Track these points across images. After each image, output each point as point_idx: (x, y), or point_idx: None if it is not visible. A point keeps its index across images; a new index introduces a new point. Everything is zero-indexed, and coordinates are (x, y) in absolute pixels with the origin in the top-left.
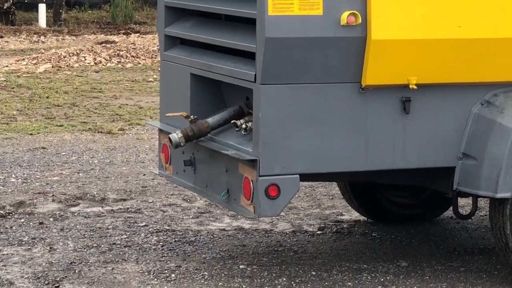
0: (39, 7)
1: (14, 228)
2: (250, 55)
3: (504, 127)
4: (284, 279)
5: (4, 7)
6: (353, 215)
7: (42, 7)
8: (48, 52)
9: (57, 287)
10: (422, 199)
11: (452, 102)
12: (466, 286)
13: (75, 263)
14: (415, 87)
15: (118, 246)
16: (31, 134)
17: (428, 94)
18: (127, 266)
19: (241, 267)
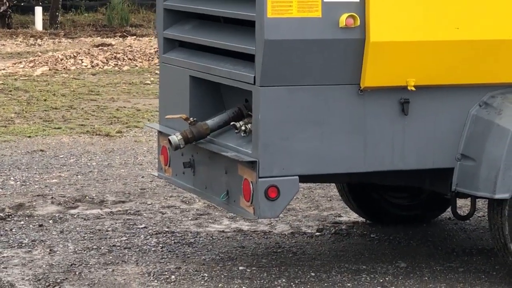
0: (35, 10)
1: (14, 230)
2: (249, 57)
3: (502, 128)
4: (284, 280)
5: (1, 10)
6: (351, 216)
7: (38, 10)
8: (45, 55)
9: None
10: (420, 200)
11: (450, 104)
12: (465, 287)
13: (75, 265)
14: (413, 88)
15: (118, 248)
16: (29, 136)
17: (427, 95)
18: (127, 268)
19: (240, 268)
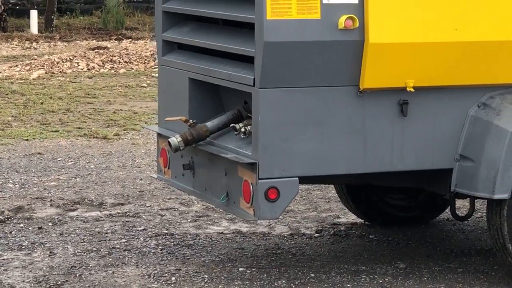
0: (30, 13)
1: (13, 233)
2: (249, 59)
3: (501, 129)
4: (284, 281)
5: None
6: (350, 217)
7: (33, 13)
8: (41, 58)
9: None
10: (419, 201)
11: (449, 105)
12: (464, 287)
13: (75, 267)
14: (412, 90)
15: (118, 250)
16: (26, 140)
17: (425, 96)
18: (127, 270)
19: (240, 269)
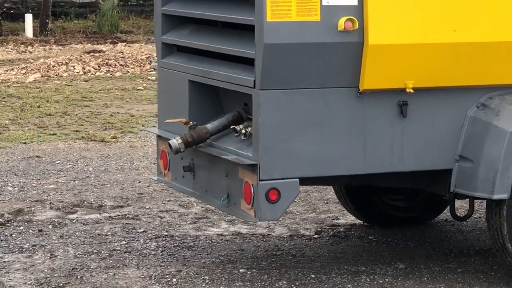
0: (25, 17)
1: (14, 235)
2: (249, 61)
3: (500, 129)
4: (284, 282)
5: None
6: (348, 218)
7: (28, 17)
8: (36, 62)
9: None
10: (418, 202)
11: (448, 105)
12: (464, 287)
13: (76, 269)
14: (411, 91)
15: (118, 252)
16: (24, 143)
17: (425, 97)
18: (128, 272)
19: (241, 271)
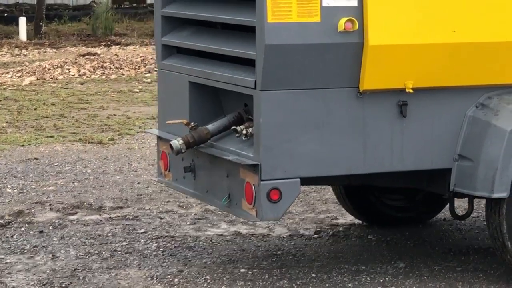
0: (19, 20)
1: (15, 237)
2: (249, 62)
3: (499, 128)
4: (286, 281)
5: None
6: (347, 218)
7: (22, 20)
8: (32, 65)
9: None
10: (416, 202)
11: (447, 105)
12: (464, 285)
13: (78, 269)
14: (411, 91)
15: (119, 252)
16: (22, 145)
17: (424, 97)
18: (130, 272)
19: (242, 270)
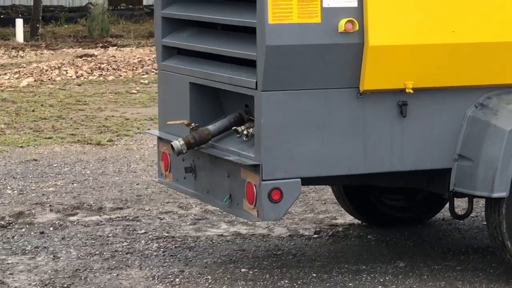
0: (16, 22)
1: (15, 238)
2: (250, 63)
3: (499, 128)
4: (286, 281)
5: None
6: (346, 218)
7: (19, 22)
8: (29, 66)
9: None
10: (415, 202)
11: (447, 105)
12: (464, 284)
13: (80, 270)
14: (411, 91)
15: (120, 253)
16: (21, 146)
17: (424, 97)
18: (131, 272)
19: (242, 270)
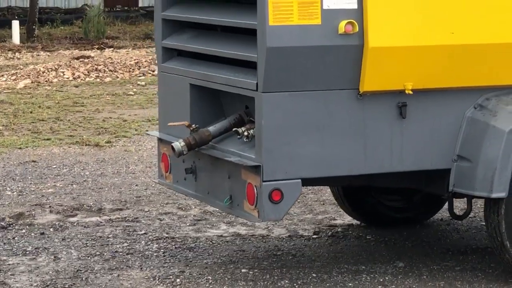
0: (12, 24)
1: (16, 238)
2: (250, 65)
3: (497, 129)
4: (287, 281)
5: None
6: (345, 219)
7: (15, 24)
8: (26, 68)
9: None
10: (414, 202)
11: (446, 106)
12: (463, 284)
13: (81, 270)
14: (410, 92)
15: (121, 253)
16: (20, 148)
17: (424, 99)
18: (132, 273)
19: (243, 271)
